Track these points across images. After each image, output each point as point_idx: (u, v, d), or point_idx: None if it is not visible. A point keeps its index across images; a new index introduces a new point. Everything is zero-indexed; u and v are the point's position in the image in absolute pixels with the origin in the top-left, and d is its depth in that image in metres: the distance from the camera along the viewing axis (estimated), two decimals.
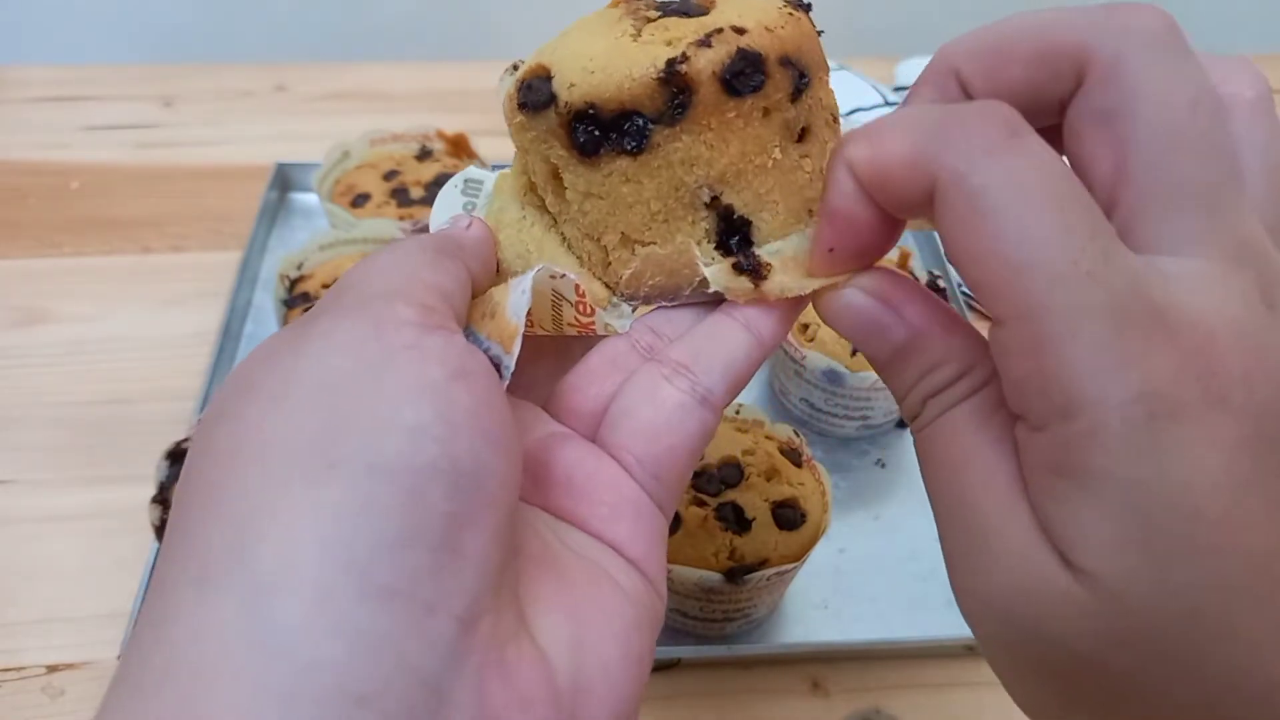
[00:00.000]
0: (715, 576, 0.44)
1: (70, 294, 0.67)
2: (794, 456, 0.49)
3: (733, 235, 0.26)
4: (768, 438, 0.50)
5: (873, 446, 0.60)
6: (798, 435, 0.50)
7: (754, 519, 0.45)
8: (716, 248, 0.26)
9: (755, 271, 0.26)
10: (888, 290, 0.24)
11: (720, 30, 0.24)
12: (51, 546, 0.53)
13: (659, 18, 0.26)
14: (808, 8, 0.27)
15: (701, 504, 0.46)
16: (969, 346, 0.23)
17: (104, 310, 0.66)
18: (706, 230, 0.26)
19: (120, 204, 0.76)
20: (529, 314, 0.24)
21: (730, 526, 0.45)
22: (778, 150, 0.26)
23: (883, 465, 0.59)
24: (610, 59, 0.24)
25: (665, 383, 0.25)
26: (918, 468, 0.24)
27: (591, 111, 0.24)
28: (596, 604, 0.22)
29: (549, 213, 0.28)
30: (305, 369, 0.20)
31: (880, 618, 0.51)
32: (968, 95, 0.24)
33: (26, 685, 0.47)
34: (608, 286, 0.27)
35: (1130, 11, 0.22)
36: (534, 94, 0.25)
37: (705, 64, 0.24)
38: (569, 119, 0.25)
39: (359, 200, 0.67)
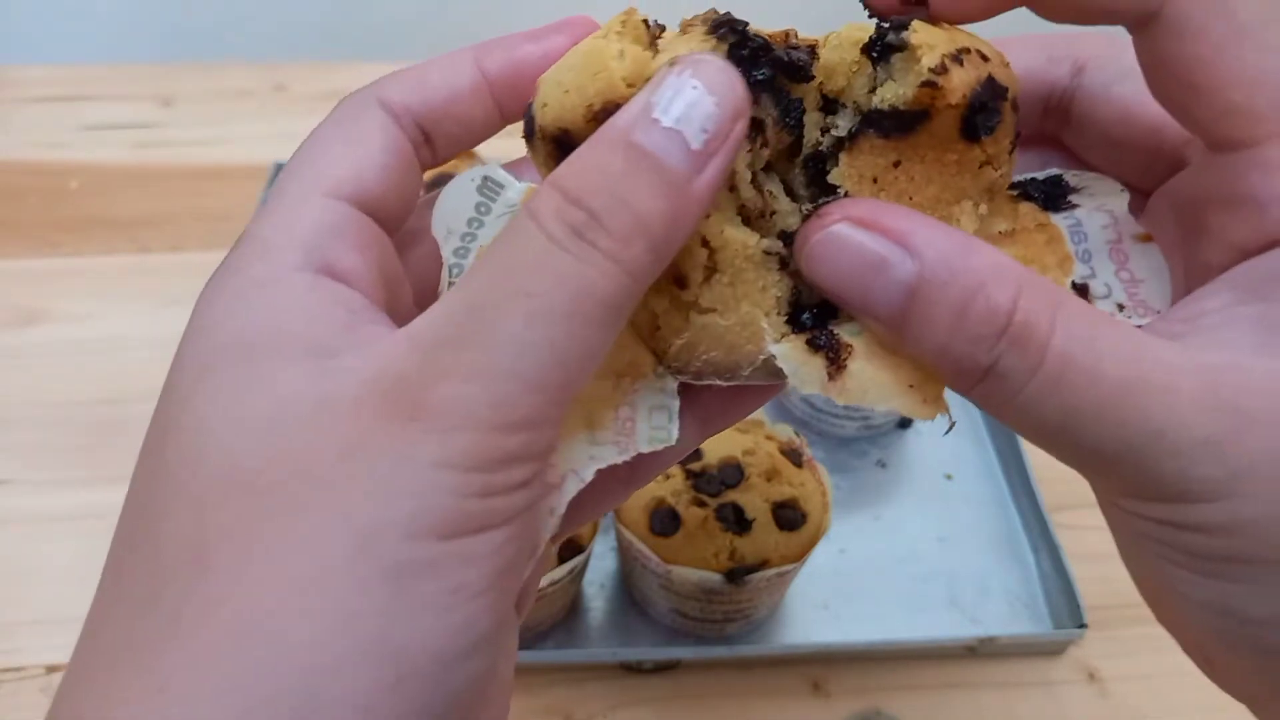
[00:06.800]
0: (715, 577, 0.44)
1: (69, 294, 0.67)
2: (794, 457, 0.49)
3: (808, 308, 0.22)
4: (768, 438, 0.50)
5: (873, 447, 0.60)
6: (798, 435, 0.50)
7: (754, 519, 0.45)
8: (787, 321, 0.22)
9: (833, 353, 0.21)
10: (884, 218, 0.20)
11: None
12: (51, 546, 0.52)
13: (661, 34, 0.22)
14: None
15: (702, 504, 0.46)
16: (1006, 261, 0.20)
17: (103, 310, 0.66)
18: (777, 299, 0.22)
19: (119, 204, 0.76)
20: None
21: (730, 527, 0.45)
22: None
23: (883, 465, 0.59)
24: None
25: None
26: (917, 468, 0.23)
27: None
28: None
29: None
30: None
31: (880, 618, 0.51)
32: None
33: (25, 685, 0.47)
34: (655, 354, 0.23)
35: None
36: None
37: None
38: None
39: None
